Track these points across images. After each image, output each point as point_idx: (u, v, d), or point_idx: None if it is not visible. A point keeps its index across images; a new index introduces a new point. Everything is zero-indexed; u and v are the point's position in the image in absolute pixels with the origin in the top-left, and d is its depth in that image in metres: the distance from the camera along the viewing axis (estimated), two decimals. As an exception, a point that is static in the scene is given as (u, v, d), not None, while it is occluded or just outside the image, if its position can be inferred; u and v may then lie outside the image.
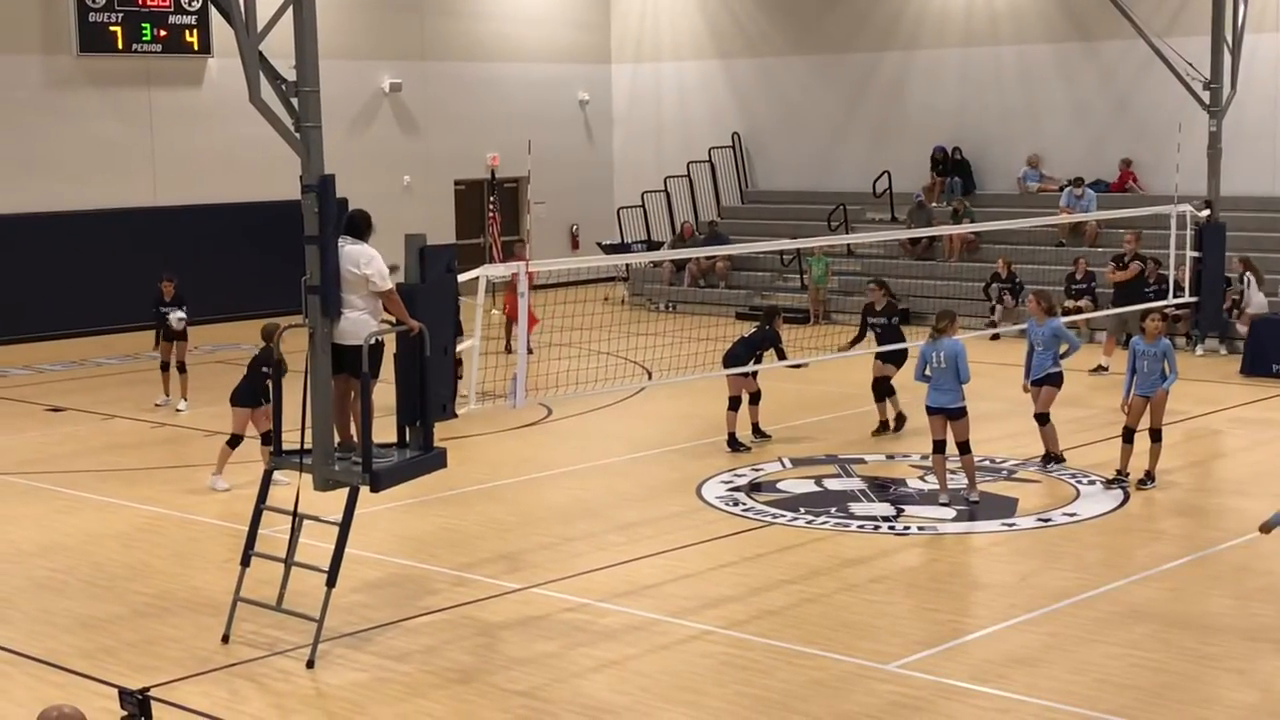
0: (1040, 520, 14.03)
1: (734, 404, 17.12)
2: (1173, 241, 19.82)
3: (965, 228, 26.92)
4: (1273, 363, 21.22)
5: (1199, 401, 19.12)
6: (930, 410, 14.60)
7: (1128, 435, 14.97)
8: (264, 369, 14.79)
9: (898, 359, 17.75)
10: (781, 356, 17.35)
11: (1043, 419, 15.81)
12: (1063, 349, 16.09)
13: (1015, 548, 13.28)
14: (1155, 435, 14.88)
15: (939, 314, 15.15)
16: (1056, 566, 12.55)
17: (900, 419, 17.76)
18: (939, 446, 14.57)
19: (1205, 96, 21.80)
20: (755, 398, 17.41)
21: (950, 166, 30.30)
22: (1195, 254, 20.67)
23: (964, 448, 14.54)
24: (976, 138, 30.39)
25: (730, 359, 17.14)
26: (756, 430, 17.44)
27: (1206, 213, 21.39)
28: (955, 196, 29.62)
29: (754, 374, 17.19)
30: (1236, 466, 16.56)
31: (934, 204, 29.59)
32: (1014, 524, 13.96)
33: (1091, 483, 15.20)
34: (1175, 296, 20.42)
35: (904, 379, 17.22)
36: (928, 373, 14.62)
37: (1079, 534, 13.57)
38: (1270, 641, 10.58)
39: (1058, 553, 12.97)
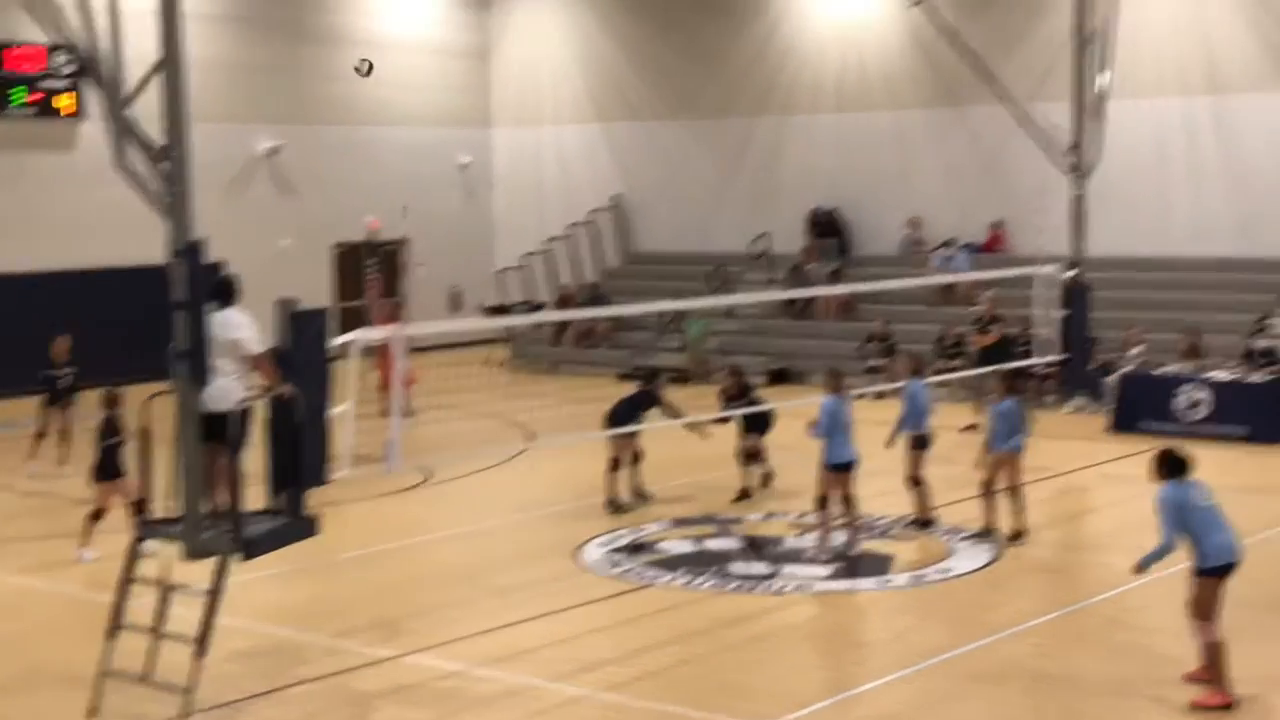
0: (914, 577, 14.20)
1: (614, 465, 17.16)
2: (1038, 302, 20.25)
3: (842, 288, 27.26)
4: (1139, 419, 21.71)
5: (1068, 458, 19.48)
6: (839, 466, 14.75)
7: (985, 490, 15.28)
8: (110, 439, 14.67)
9: (761, 428, 17.91)
10: (675, 415, 17.43)
11: (915, 480, 16.04)
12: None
13: (890, 605, 13.42)
14: (1013, 493, 15.19)
15: (833, 371, 15.38)
16: (930, 623, 12.70)
17: (767, 478, 17.91)
18: (828, 502, 14.74)
19: (1069, 160, 22.37)
20: (636, 459, 17.47)
21: (827, 228, 30.74)
22: (1062, 313, 21.12)
23: (849, 501, 14.73)
24: (853, 200, 30.86)
25: (612, 419, 17.20)
26: (637, 491, 17.49)
27: (1072, 273, 21.89)
28: (831, 258, 30.03)
29: (636, 435, 17.26)
30: (1104, 522, 16.88)
31: (811, 265, 29.96)
32: (889, 581, 14.12)
33: (964, 539, 15.42)
34: (1041, 356, 20.85)
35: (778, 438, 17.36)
36: (818, 434, 14.81)
37: (952, 590, 13.75)
38: (1138, 697, 10.77)
39: (931, 609, 13.13)
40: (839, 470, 14.79)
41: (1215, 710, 10.39)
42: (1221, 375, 21.93)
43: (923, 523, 15.92)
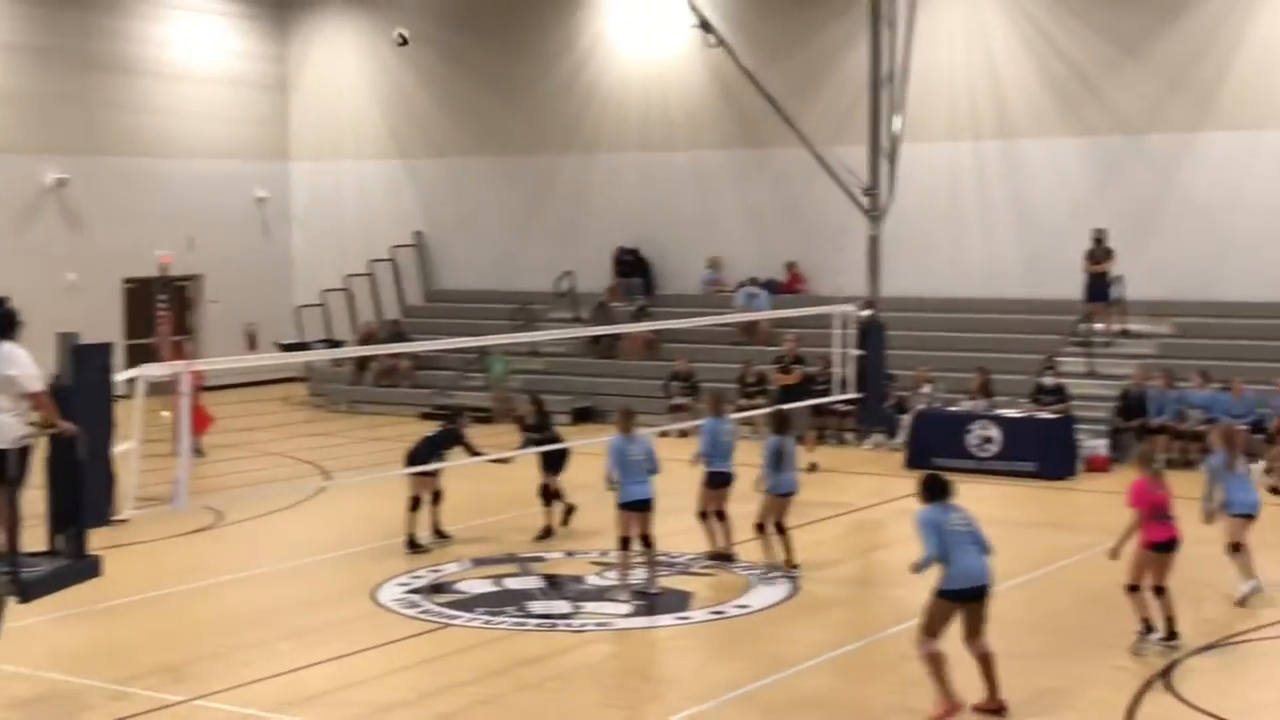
0: (713, 613, 14.24)
1: (414, 504, 16.92)
2: (837, 340, 20.55)
3: (644, 326, 27.39)
4: (933, 456, 22.15)
5: (864, 494, 19.79)
6: (632, 505, 14.71)
7: (760, 529, 15.63)
8: None
9: (557, 466, 17.84)
10: (476, 453, 17.26)
11: (719, 515, 16.11)
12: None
13: (689, 641, 13.43)
14: (781, 531, 15.53)
15: (625, 411, 15.32)
16: (727, 658, 12.73)
17: (569, 513, 17.85)
18: (629, 542, 14.70)
19: (865, 202, 22.80)
20: (436, 498, 17.25)
21: (631, 267, 30.91)
22: (859, 352, 21.47)
23: (648, 540, 14.72)
24: (656, 239, 31.09)
25: (412, 458, 16.97)
26: (437, 531, 17.26)
27: (868, 312, 22.28)
28: (635, 296, 30.19)
29: (436, 473, 17.04)
30: (897, 557, 16.99)
31: (616, 303, 30.06)
32: (688, 617, 14.13)
33: (763, 574, 15.51)
34: (840, 393, 21.16)
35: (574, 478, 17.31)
36: (615, 476, 14.77)
37: (750, 625, 13.81)
38: (928, 725, 10.92)
39: (729, 644, 13.17)
40: (633, 509, 14.76)
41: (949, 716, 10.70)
42: (1011, 413, 22.52)
43: (723, 558, 15.99)
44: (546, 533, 17.61)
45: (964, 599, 10.89)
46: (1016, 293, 27.29)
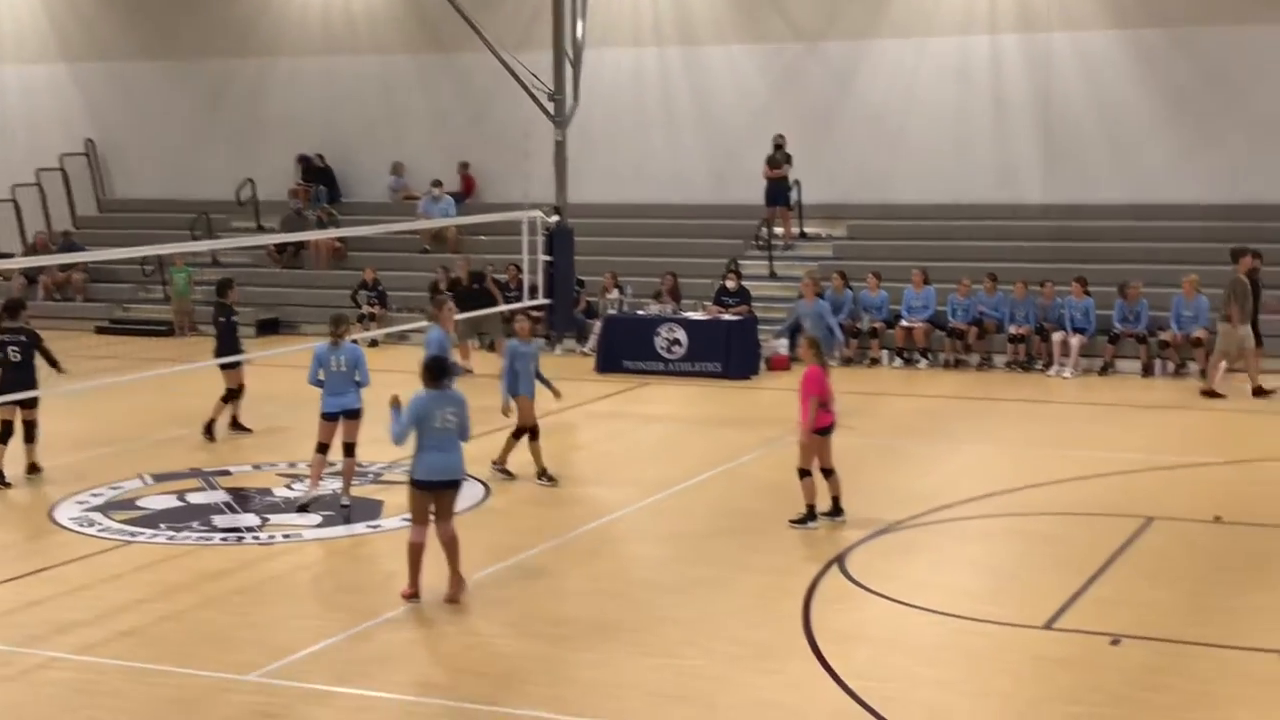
0: (405, 519, 14.17)
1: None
2: (525, 246, 20.60)
3: (330, 233, 26.90)
4: (623, 359, 22.52)
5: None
6: (329, 415, 14.48)
7: (519, 434, 15.50)
8: None
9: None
10: (53, 361, 16.38)
11: None
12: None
13: (380, 549, 13.38)
14: (534, 434, 15.48)
15: (335, 318, 14.99)
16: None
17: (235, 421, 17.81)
18: (324, 448, 14.50)
19: (550, 108, 22.80)
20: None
21: (315, 174, 30.25)
22: (547, 258, 21.56)
23: (350, 450, 14.54)
24: (341, 146, 30.49)
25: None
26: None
27: (555, 218, 22.38)
28: (321, 204, 29.60)
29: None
30: (589, 459, 17.41)
31: (301, 211, 29.39)
32: (379, 525, 14.07)
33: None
34: (530, 299, 21.24)
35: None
36: (321, 376, 14.48)
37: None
38: (614, 619, 11.15)
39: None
40: (330, 419, 14.56)
41: (407, 599, 11.44)
42: (697, 315, 23.01)
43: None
44: (208, 431, 17.51)
45: (434, 489, 11.48)
46: (701, 198, 27.80)
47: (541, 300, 21.61)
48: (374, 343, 24.72)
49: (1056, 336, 22.66)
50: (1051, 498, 14.75)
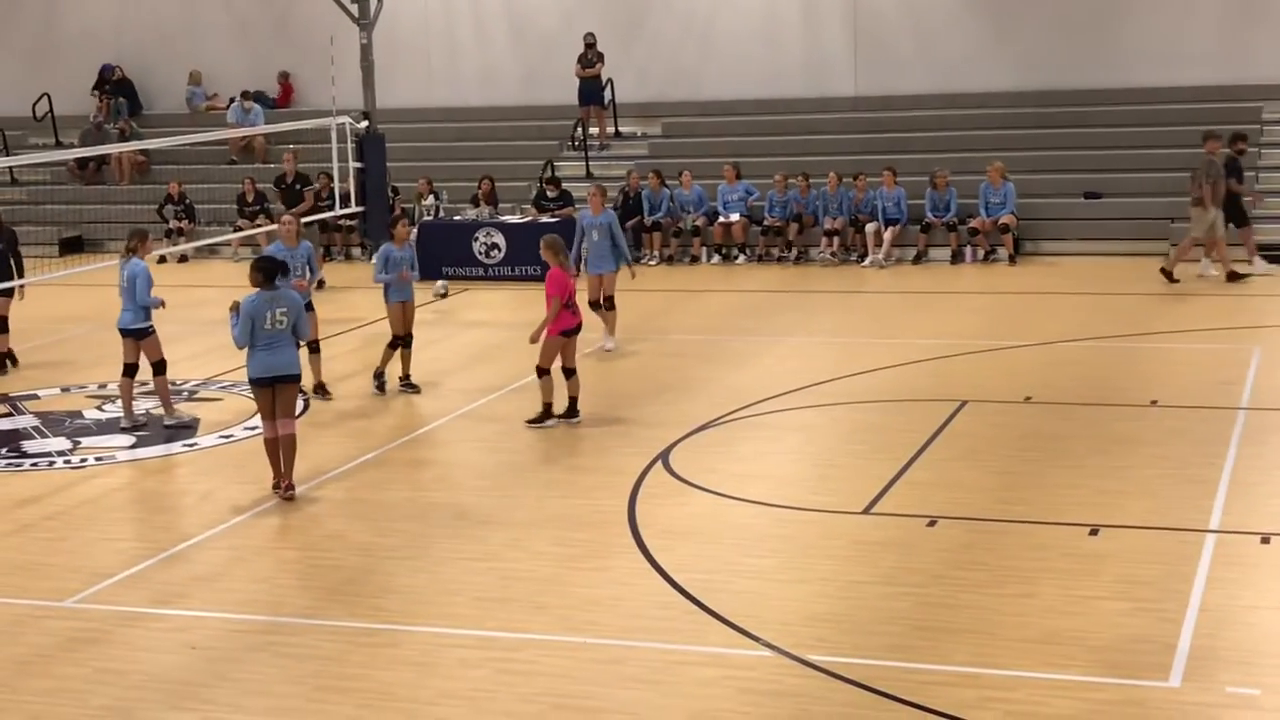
0: (223, 437, 13.95)
1: None
2: (334, 154, 20.20)
3: (130, 146, 26.06)
4: (442, 265, 22.25)
5: (373, 308, 19.61)
6: (133, 333, 14.08)
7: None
8: None
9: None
10: None
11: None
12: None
13: (198, 467, 13.12)
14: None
15: (131, 233, 14.52)
16: (239, 481, 12.51)
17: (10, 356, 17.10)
18: (130, 370, 14.11)
19: (354, 10, 22.30)
20: None
21: (115, 87, 29.26)
22: (358, 165, 21.19)
23: (157, 368, 14.16)
24: (138, 57, 29.52)
25: None
26: None
27: (365, 124, 21.97)
28: (121, 117, 28.68)
29: None
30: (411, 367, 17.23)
31: (101, 125, 28.46)
32: (195, 444, 13.79)
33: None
34: (343, 207, 20.87)
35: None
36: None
37: (260, 447, 13.57)
38: (439, 526, 11.11)
39: (239, 467, 12.94)
40: (132, 336, 14.14)
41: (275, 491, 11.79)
42: (514, 219, 22.83)
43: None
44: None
45: (268, 385, 11.73)
46: (513, 100, 27.50)
47: (354, 208, 21.26)
48: (183, 258, 24.16)
49: (870, 227, 22.96)
50: (868, 386, 15.00)
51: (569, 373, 13.92)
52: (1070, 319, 18.09)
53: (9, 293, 16.68)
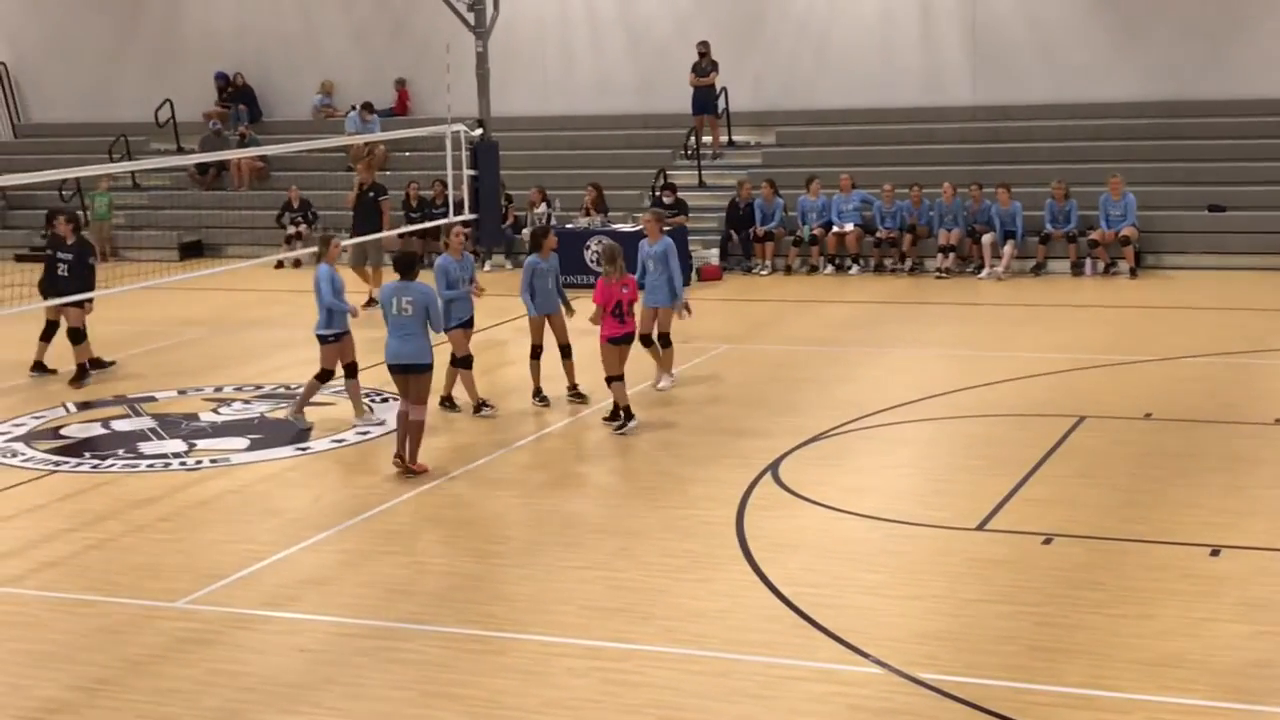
0: (335, 441, 14.05)
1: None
2: (449, 161, 20.27)
3: (250, 151, 26.42)
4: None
5: (486, 314, 19.66)
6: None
7: (536, 354, 15.13)
8: None
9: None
10: None
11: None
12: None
13: (308, 470, 13.22)
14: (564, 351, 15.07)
15: (319, 239, 14.93)
16: (349, 485, 12.61)
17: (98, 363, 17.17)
18: (324, 375, 14.39)
19: (471, 18, 22.39)
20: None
21: (235, 94, 29.70)
22: (472, 172, 21.25)
23: (348, 370, 14.38)
24: (259, 64, 29.94)
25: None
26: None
27: (479, 132, 22.04)
28: (242, 124, 29.09)
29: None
30: (522, 373, 17.17)
31: (221, 132, 28.88)
32: (308, 447, 13.90)
33: (384, 400, 15.34)
34: (457, 214, 20.92)
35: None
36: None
37: (372, 451, 13.68)
38: (547, 539, 11.08)
39: (350, 471, 13.04)
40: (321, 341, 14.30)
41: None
42: (626, 227, 22.79)
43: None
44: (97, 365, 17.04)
45: (396, 372, 12.55)
46: (627, 108, 27.50)
47: (468, 215, 21.32)
48: (297, 263, 24.41)
49: (987, 239, 22.64)
50: (984, 400, 14.77)
51: (614, 379, 13.89)
52: (1192, 334, 17.70)
53: (82, 304, 16.74)
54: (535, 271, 14.88)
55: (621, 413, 13.88)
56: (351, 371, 14.43)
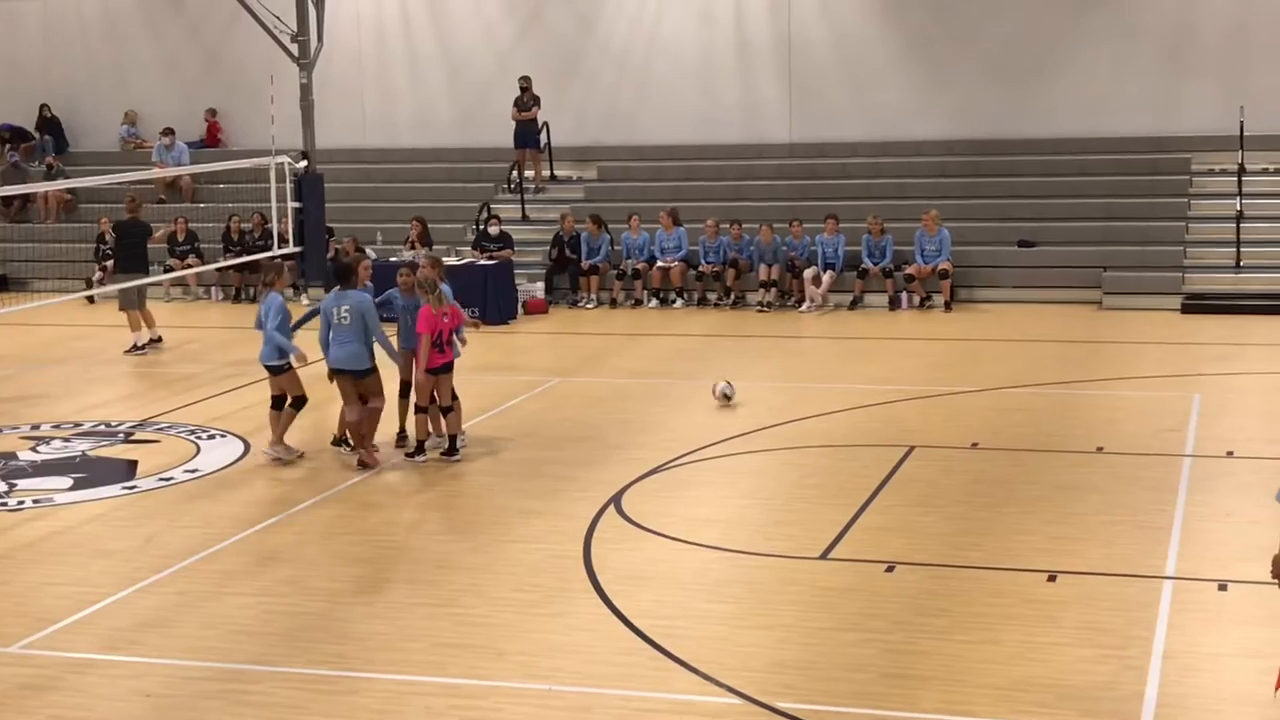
0: (162, 480, 13.68)
1: None
2: (273, 194, 20.01)
3: (58, 184, 25.65)
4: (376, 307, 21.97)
5: (307, 345, 19.41)
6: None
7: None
8: None
9: None
10: None
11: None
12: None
13: (137, 510, 12.83)
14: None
15: (265, 267, 15.24)
16: (182, 524, 12.26)
17: None
18: (276, 402, 14.25)
19: (294, 49, 22.14)
20: None
21: (40, 124, 28.87)
22: (296, 205, 20.98)
23: (294, 403, 14.14)
24: (65, 95, 29.16)
25: None
26: None
27: (304, 164, 21.77)
28: (47, 155, 28.27)
29: None
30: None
31: (30, 164, 28.04)
32: (135, 486, 13.50)
33: (210, 437, 15.01)
34: (280, 247, 20.63)
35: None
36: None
37: (203, 489, 13.35)
38: (392, 577, 10.92)
39: (182, 510, 12.69)
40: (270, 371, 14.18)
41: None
42: (452, 260, 22.65)
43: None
44: None
45: (340, 375, 13.63)
46: (449, 142, 27.40)
47: (292, 249, 21.03)
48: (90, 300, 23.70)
49: (808, 273, 23.02)
50: (815, 431, 14.98)
51: (445, 410, 13.94)
52: (1010, 365, 18.21)
53: None
54: (402, 307, 14.37)
55: (418, 444, 13.94)
56: (297, 404, 14.12)
